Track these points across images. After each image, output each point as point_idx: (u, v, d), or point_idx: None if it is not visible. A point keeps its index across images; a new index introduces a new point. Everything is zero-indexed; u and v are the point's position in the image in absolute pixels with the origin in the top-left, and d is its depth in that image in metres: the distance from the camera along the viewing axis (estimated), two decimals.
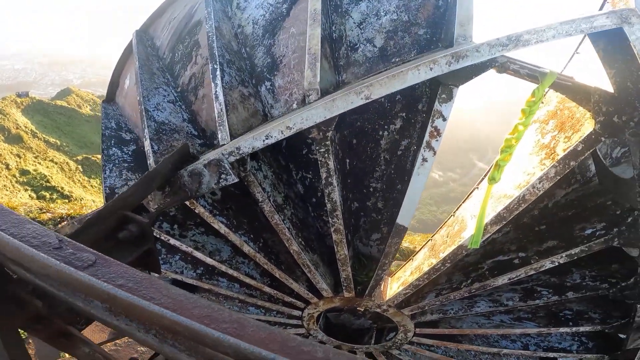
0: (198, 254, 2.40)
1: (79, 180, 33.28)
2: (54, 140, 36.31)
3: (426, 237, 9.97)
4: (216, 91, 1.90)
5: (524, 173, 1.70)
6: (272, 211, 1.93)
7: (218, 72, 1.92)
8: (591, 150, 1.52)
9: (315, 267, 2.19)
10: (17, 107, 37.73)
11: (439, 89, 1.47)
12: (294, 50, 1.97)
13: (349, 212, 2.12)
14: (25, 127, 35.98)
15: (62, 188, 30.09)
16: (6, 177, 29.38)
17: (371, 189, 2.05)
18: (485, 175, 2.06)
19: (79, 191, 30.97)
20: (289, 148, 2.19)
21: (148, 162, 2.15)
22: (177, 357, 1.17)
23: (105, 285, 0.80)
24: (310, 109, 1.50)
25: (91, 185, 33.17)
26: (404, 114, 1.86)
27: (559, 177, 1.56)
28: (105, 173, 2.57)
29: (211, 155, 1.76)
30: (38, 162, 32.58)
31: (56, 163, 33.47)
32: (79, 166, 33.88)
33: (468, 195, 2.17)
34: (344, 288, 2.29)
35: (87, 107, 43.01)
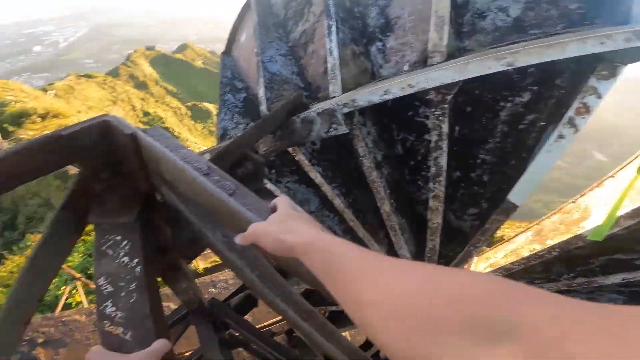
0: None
1: (187, 124, 36.80)
2: (171, 88, 40.18)
3: (512, 224, 9.15)
4: (331, 47, 1.86)
5: None
6: (371, 167, 1.86)
7: (333, 29, 1.88)
8: None
9: (401, 231, 2.10)
10: (145, 58, 42.12)
11: (597, 65, 1.22)
12: (410, 12, 1.83)
13: (449, 180, 1.95)
14: (151, 75, 40.21)
15: (173, 129, 33.66)
16: (132, 116, 33.75)
17: (479, 161, 1.85)
18: (628, 164, 1.72)
19: (185, 133, 34.42)
20: (394, 108, 2.06)
21: (260, 107, 2.23)
22: (272, 300, 1.19)
23: (250, 214, 0.80)
24: (438, 70, 1.37)
25: (195, 129, 36.54)
26: (535, 88, 1.60)
27: None
28: (220, 116, 2.76)
29: (325, 105, 1.73)
30: (157, 106, 36.60)
31: (171, 107, 37.25)
32: (188, 111, 37.30)
33: (598, 184, 1.84)
34: (427, 259, 2.17)
35: (199, 61, 46.48)
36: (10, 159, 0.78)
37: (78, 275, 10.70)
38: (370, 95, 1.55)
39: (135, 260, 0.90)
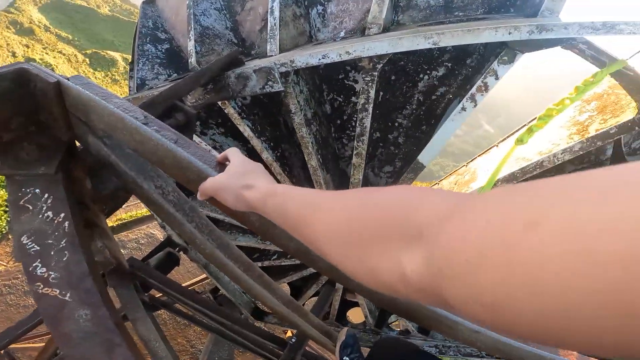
0: (215, 154, 2.33)
1: (85, 72, 31.19)
2: (66, 34, 33.24)
3: (417, 184, 10.05)
4: (272, 6, 1.76)
5: (549, 142, 1.65)
6: (301, 124, 1.85)
7: None
8: (619, 136, 1.46)
9: (326, 186, 2.16)
10: (34, 4, 33.62)
11: (501, 51, 1.35)
12: None
13: (370, 140, 2.05)
14: (39, 22, 32.60)
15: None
16: (10, 62, 27.58)
17: (396, 124, 1.96)
18: (509, 136, 1.98)
19: None
20: (326, 70, 2.05)
21: (190, 60, 2.05)
22: (211, 252, 1.15)
23: (197, 162, 0.72)
24: (375, 41, 1.40)
25: (96, 77, 31.21)
26: (449, 64, 1.72)
27: (580, 153, 1.51)
28: (138, 65, 2.48)
29: (262, 62, 1.63)
30: (46, 53, 30.13)
31: (64, 55, 31.00)
32: (87, 59, 31.54)
33: (485, 151, 2.10)
34: None
35: (106, 7, 38.90)
36: None
37: None
38: (308, 57, 1.51)
39: (62, 215, 0.77)
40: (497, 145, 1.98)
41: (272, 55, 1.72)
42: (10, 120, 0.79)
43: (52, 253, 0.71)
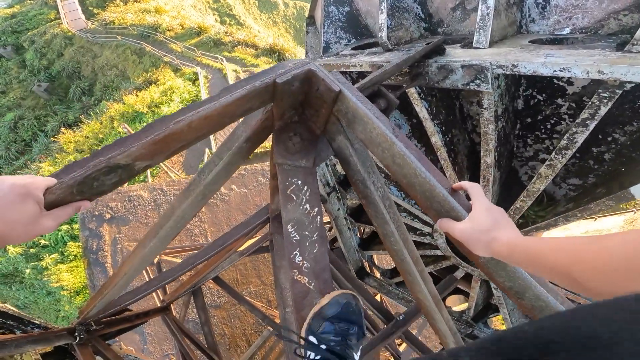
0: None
1: (252, 13, 34.60)
2: None
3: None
4: None
5: None
6: (490, 120, 1.63)
7: None
8: None
9: (493, 183, 1.93)
10: None
11: None
12: None
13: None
14: None
15: (239, 17, 32.02)
16: (203, 2, 32.16)
17: (609, 138, 1.56)
18: None
19: (250, 21, 32.79)
20: None
21: (380, 34, 1.96)
22: (400, 249, 1.14)
23: (451, 199, 0.69)
24: None
25: (260, 19, 34.38)
26: None
27: None
28: (324, 28, 2.48)
29: (471, 58, 1.43)
30: None
31: None
32: (256, 2, 34.51)
33: None
34: (509, 215, 2.03)
35: None
36: (233, 104, 0.68)
37: None
38: (539, 66, 1.22)
39: (316, 209, 0.85)
40: None
41: (479, 47, 1.49)
42: (285, 112, 0.87)
43: (307, 244, 0.80)
